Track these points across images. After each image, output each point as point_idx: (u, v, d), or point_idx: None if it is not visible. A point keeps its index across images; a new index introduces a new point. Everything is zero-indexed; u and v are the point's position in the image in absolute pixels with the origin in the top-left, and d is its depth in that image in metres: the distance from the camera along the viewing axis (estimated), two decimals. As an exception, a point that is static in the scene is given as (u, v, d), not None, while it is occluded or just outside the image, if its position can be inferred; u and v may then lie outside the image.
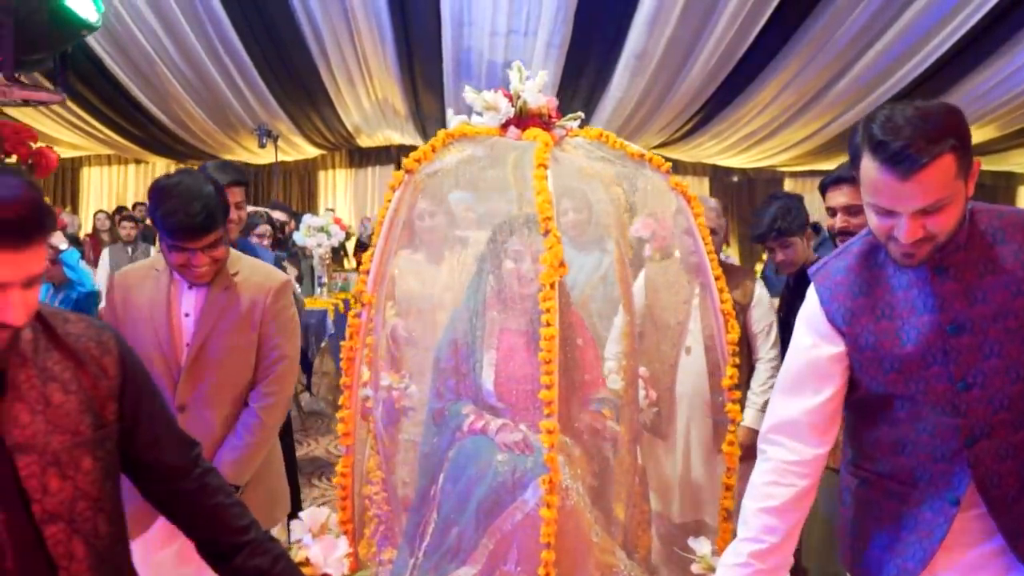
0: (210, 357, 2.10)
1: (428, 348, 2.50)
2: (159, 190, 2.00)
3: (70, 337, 1.30)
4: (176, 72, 7.10)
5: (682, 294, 2.75)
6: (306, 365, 5.47)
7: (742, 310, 2.87)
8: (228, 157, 9.77)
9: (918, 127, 1.36)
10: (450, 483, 2.24)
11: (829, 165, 9.60)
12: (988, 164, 10.00)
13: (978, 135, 8.44)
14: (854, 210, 2.60)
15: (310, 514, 1.90)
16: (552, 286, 1.92)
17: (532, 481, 2.11)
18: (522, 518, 2.13)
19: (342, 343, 2.15)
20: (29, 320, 1.16)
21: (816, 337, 1.62)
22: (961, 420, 1.52)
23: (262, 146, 7.43)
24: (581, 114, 2.30)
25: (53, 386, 1.25)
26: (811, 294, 1.65)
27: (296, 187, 10.81)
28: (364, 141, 9.99)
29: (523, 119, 2.21)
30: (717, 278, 2.13)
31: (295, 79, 7.70)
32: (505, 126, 2.23)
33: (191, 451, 1.45)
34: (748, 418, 2.75)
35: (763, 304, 2.93)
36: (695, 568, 1.98)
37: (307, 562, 1.78)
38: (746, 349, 2.89)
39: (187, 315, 2.11)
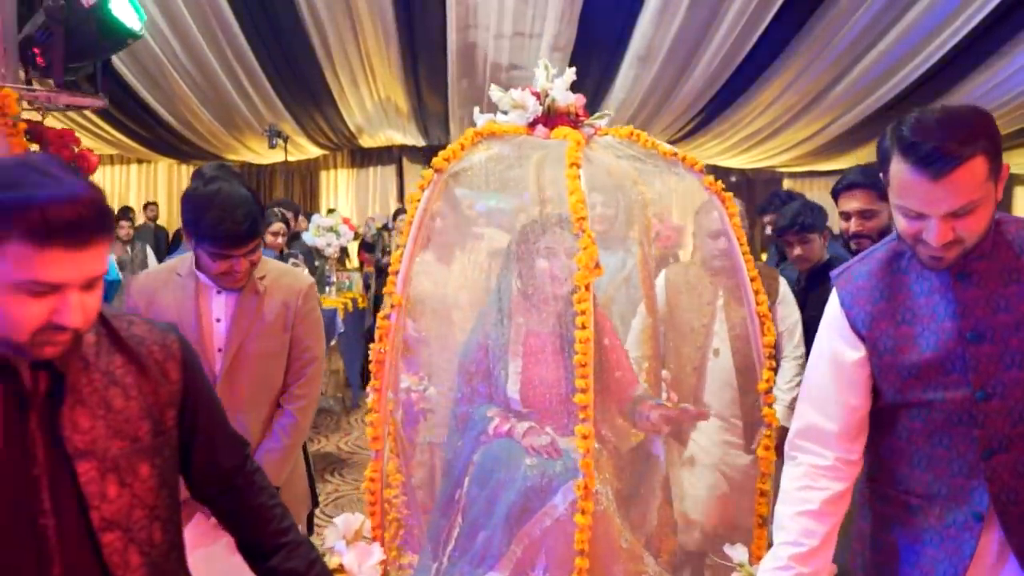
0: (245, 362, 2.11)
1: (445, 348, 2.46)
2: (199, 199, 1.98)
3: (133, 340, 1.28)
4: (184, 73, 7.13)
5: (705, 296, 2.74)
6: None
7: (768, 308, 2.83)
8: (232, 157, 9.81)
9: (949, 129, 1.36)
10: (476, 487, 2.20)
11: (828, 166, 9.70)
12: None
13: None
14: (868, 214, 2.63)
15: (344, 520, 1.86)
16: (587, 287, 1.90)
17: (561, 486, 2.08)
18: (551, 524, 2.09)
19: (371, 345, 2.09)
20: (91, 323, 1.15)
21: (839, 342, 1.60)
22: (978, 431, 1.47)
23: (272, 146, 7.46)
24: (610, 112, 2.30)
25: (115, 391, 1.24)
26: (833, 298, 1.63)
27: (298, 187, 10.83)
28: (366, 141, 10.03)
29: (551, 117, 2.18)
30: (752, 279, 2.11)
31: (300, 80, 7.73)
32: (532, 124, 2.20)
33: (243, 451, 1.45)
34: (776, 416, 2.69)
35: (788, 302, 2.87)
36: (741, 573, 1.94)
37: (341, 569, 1.76)
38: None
39: (218, 320, 2.11)
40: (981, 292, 1.47)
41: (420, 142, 10.02)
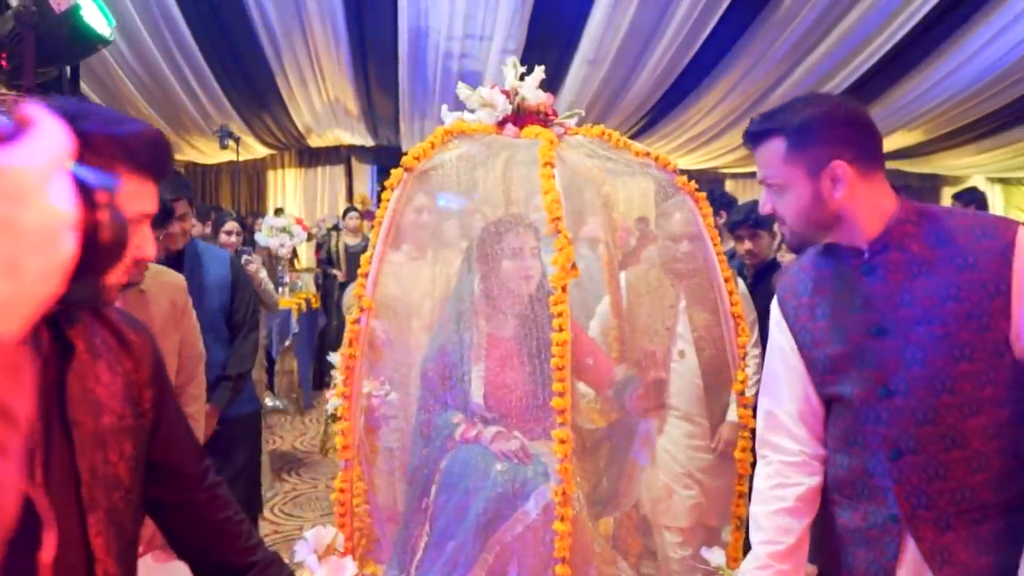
0: None
1: (407, 353, 2.40)
2: None
3: (112, 317, 1.25)
4: (129, 72, 7.00)
5: (667, 299, 2.74)
6: (269, 364, 5.50)
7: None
8: (179, 157, 9.64)
9: (772, 111, 1.48)
10: (444, 495, 2.16)
11: (769, 168, 10.00)
12: (915, 167, 10.50)
13: (906, 139, 8.87)
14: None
15: (315, 534, 1.77)
16: (564, 289, 1.85)
17: (533, 491, 2.05)
18: (523, 530, 2.06)
19: (341, 352, 2.04)
20: None
21: (779, 334, 1.62)
22: (884, 430, 1.46)
23: (223, 147, 7.39)
24: (581, 112, 2.31)
25: (102, 364, 1.20)
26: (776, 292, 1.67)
27: (245, 187, 10.69)
28: (314, 141, 9.96)
29: (521, 116, 2.16)
30: (727, 280, 2.10)
31: (248, 80, 7.66)
32: (502, 123, 2.17)
33: (203, 460, 1.39)
34: (732, 414, 2.59)
35: (744, 299, 2.75)
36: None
37: None
38: None
39: None
40: (886, 286, 1.47)
41: (369, 142, 9.99)
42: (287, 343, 5.56)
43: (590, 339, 2.36)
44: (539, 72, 2.28)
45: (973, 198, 5.87)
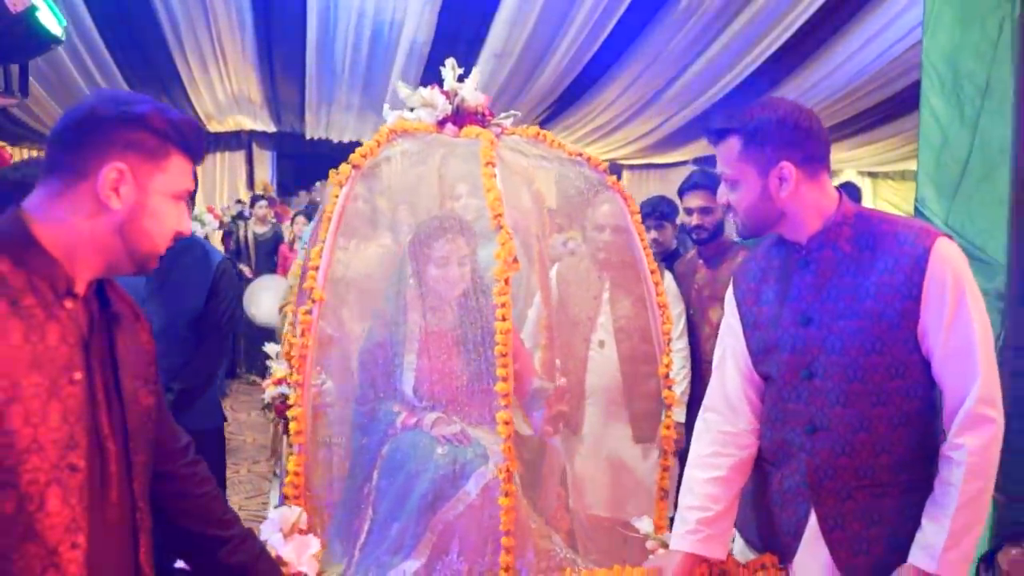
0: None
1: (342, 343, 2.46)
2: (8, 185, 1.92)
3: (123, 292, 1.34)
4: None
5: (592, 289, 2.85)
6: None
7: None
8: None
9: (731, 112, 1.64)
10: (386, 480, 2.24)
11: (664, 159, 10.45)
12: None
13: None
14: (706, 211, 3.06)
15: (280, 514, 1.85)
16: (507, 281, 1.96)
17: (473, 472, 2.16)
18: (464, 509, 2.16)
19: (292, 340, 2.11)
20: None
21: (730, 315, 1.79)
22: (802, 407, 1.62)
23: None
24: (517, 112, 2.47)
25: (128, 330, 1.30)
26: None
27: (138, 172, 10.34)
28: (214, 126, 9.75)
29: (460, 116, 2.29)
30: (652, 272, 2.24)
31: (148, 62, 7.46)
32: (442, 123, 2.29)
33: (184, 437, 1.47)
34: (679, 415, 2.67)
35: (668, 293, 2.80)
36: (649, 544, 2.00)
37: (280, 561, 1.74)
38: None
39: None
40: (816, 280, 1.62)
41: (271, 128, 9.87)
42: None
43: (520, 342, 2.45)
44: (475, 73, 2.43)
45: (849, 191, 6.43)
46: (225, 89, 8.32)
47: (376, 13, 6.62)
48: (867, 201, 11.84)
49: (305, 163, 10.25)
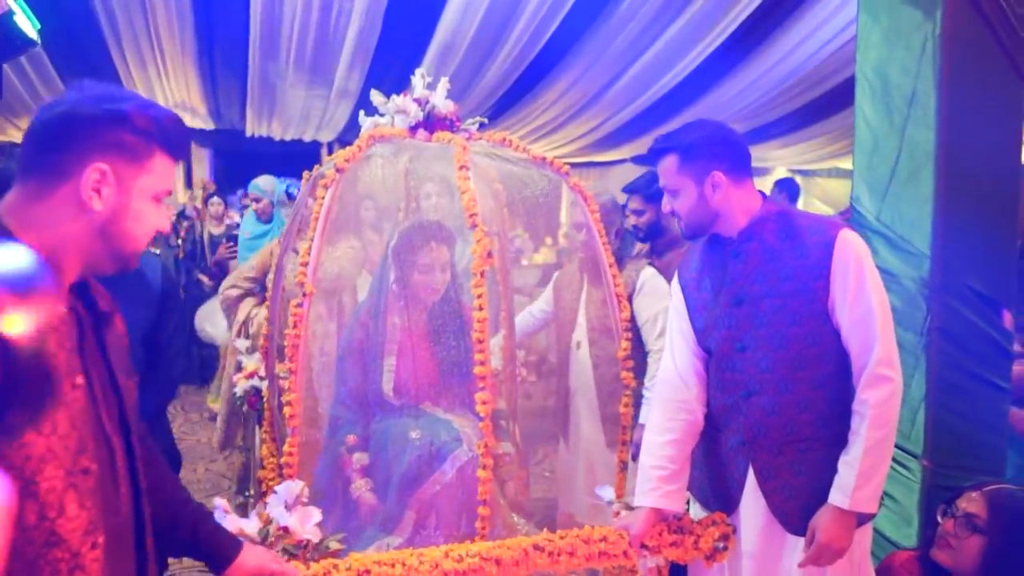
0: None
1: (316, 338, 2.63)
2: None
3: (101, 288, 1.33)
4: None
5: (576, 291, 3.02)
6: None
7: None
8: (2, 139, 8.98)
9: (668, 134, 1.94)
10: (371, 468, 2.41)
11: (603, 158, 10.67)
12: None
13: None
14: (639, 212, 3.26)
15: (285, 488, 1.97)
16: (482, 275, 2.14)
17: (449, 454, 2.33)
18: (441, 488, 2.33)
19: (286, 331, 2.21)
20: None
21: (677, 300, 2.06)
22: (738, 376, 1.90)
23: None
24: (483, 119, 2.64)
25: (112, 323, 1.30)
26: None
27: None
28: (151, 124, 9.57)
29: (431, 122, 2.45)
30: (611, 265, 2.45)
31: (83, 58, 7.32)
32: (414, 129, 2.44)
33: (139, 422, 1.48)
34: (644, 415, 2.71)
35: (649, 293, 2.93)
36: (615, 507, 2.17)
37: (286, 531, 1.88)
38: (637, 341, 2.89)
39: None
40: (745, 267, 1.90)
41: (210, 125, 9.74)
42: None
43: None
44: (444, 82, 2.58)
45: (788, 186, 6.81)
46: (163, 87, 8.21)
47: (321, 12, 6.64)
48: (800, 197, 12.32)
49: (244, 161, 10.14)
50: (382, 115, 2.59)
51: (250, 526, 1.83)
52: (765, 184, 12.00)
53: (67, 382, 1.13)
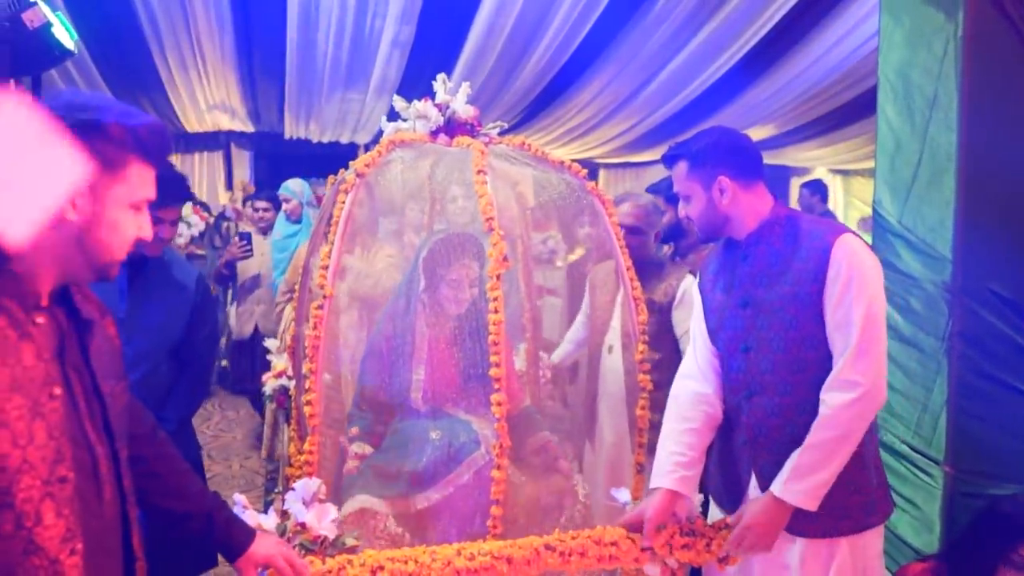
0: None
1: (338, 338, 2.64)
2: None
3: (88, 291, 1.35)
4: None
5: (610, 293, 2.97)
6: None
7: (661, 309, 2.90)
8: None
9: (681, 142, 2.00)
10: (387, 462, 2.43)
11: (639, 158, 10.65)
12: (768, 159, 11.22)
13: (760, 133, 9.65)
14: (661, 213, 3.23)
15: (303, 485, 1.99)
16: (498, 278, 2.16)
17: (466, 457, 2.37)
18: (454, 490, 2.36)
19: (307, 332, 2.25)
20: None
21: (696, 301, 2.12)
22: (742, 376, 1.94)
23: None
24: (504, 124, 2.68)
25: (99, 332, 1.31)
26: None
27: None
28: (193, 126, 9.80)
29: (452, 127, 2.46)
30: (628, 268, 2.43)
31: (128, 66, 7.51)
32: (435, 133, 2.47)
33: (148, 419, 1.51)
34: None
35: (688, 304, 2.85)
36: (628, 508, 2.13)
37: (304, 527, 1.89)
38: (675, 348, 2.86)
39: None
40: (752, 270, 1.94)
41: (250, 128, 9.93)
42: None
43: (510, 362, 2.61)
44: (465, 87, 2.60)
45: (817, 187, 6.72)
46: (204, 90, 8.38)
47: (356, 16, 6.73)
48: (838, 198, 12.16)
49: (284, 163, 10.30)
50: (405, 120, 2.63)
51: (268, 522, 1.87)
52: (793, 186, 11.88)
53: (44, 393, 1.14)
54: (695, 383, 2.06)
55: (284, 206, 5.50)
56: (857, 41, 6.86)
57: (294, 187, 5.45)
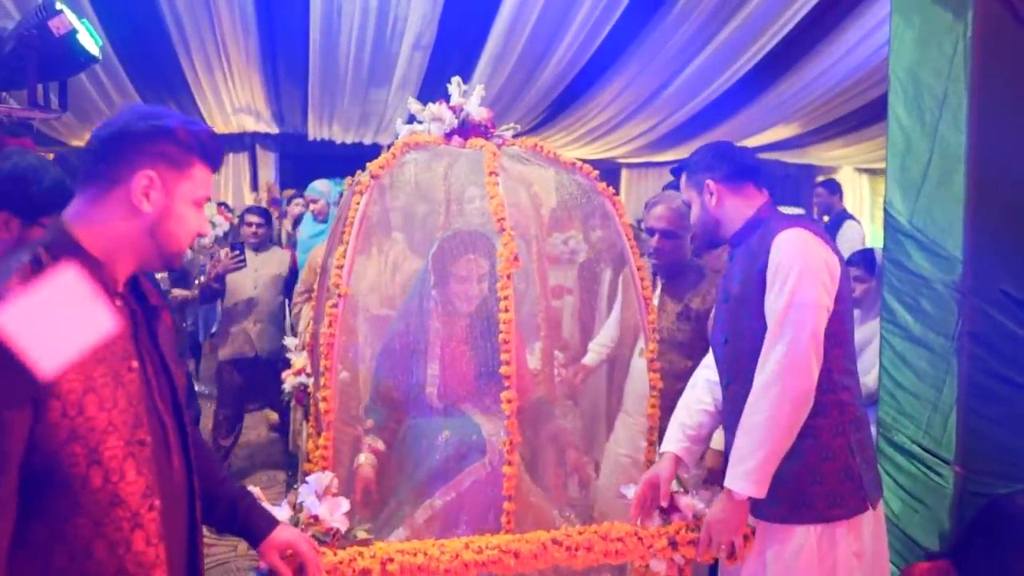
0: None
1: (354, 337, 2.69)
2: (23, 171, 1.87)
3: (148, 283, 1.49)
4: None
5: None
6: (196, 350, 5.64)
7: (698, 317, 2.88)
8: (77, 144, 9.45)
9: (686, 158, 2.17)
10: (401, 459, 2.52)
11: (662, 158, 10.63)
12: (793, 158, 11.33)
13: (784, 132, 9.64)
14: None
15: (316, 478, 2.06)
16: (509, 277, 2.20)
17: (469, 465, 2.41)
18: (469, 487, 2.41)
19: (322, 330, 2.29)
20: None
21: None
22: (721, 366, 2.11)
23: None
24: (517, 126, 2.70)
25: (162, 320, 1.47)
26: None
27: (144, 174, 10.48)
28: (219, 128, 9.94)
29: (465, 129, 2.49)
30: (639, 268, 2.45)
31: (155, 67, 7.65)
32: (449, 135, 2.49)
33: (193, 403, 1.74)
34: (716, 441, 2.55)
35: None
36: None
37: (316, 520, 1.96)
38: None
39: None
40: (732, 268, 2.09)
41: (274, 129, 10.05)
42: (212, 330, 5.72)
43: (522, 355, 2.66)
44: (480, 90, 2.64)
45: (833, 186, 6.72)
46: (230, 92, 8.50)
47: (378, 18, 6.81)
48: (865, 196, 12.06)
49: (308, 164, 10.42)
50: (420, 122, 2.67)
51: (281, 513, 1.93)
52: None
53: (124, 366, 1.31)
54: (711, 372, 2.22)
55: (311, 206, 5.60)
56: (881, 39, 6.79)
57: (321, 187, 5.52)
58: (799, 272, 1.89)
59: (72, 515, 1.24)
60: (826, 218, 7.15)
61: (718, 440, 2.55)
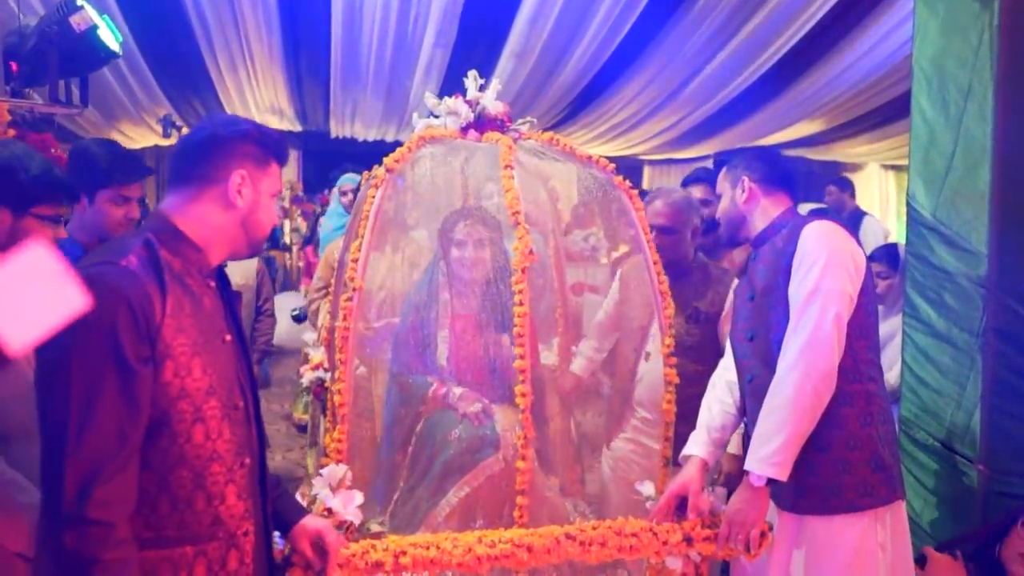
0: None
1: (371, 330, 2.69)
2: (7, 160, 1.84)
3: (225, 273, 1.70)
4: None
5: (648, 296, 2.74)
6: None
7: (708, 319, 2.81)
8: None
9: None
10: (415, 454, 2.53)
11: (684, 155, 10.56)
12: (818, 154, 11.23)
13: (809, 128, 9.54)
14: (705, 203, 3.26)
15: (329, 471, 2.04)
16: (523, 271, 2.19)
17: (483, 460, 2.42)
18: (484, 481, 2.41)
19: (336, 324, 2.30)
20: None
21: (729, 301, 2.39)
22: (746, 361, 2.13)
23: (166, 136, 7.48)
24: (533, 119, 2.66)
25: (237, 306, 1.69)
26: None
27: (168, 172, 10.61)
28: (242, 126, 10.01)
29: (481, 123, 2.49)
30: (655, 262, 2.42)
31: (180, 67, 7.71)
32: (465, 129, 2.49)
33: None
34: (732, 446, 2.55)
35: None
36: (648, 505, 2.20)
37: (330, 512, 1.93)
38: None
39: None
40: (756, 266, 2.13)
41: (297, 127, 10.11)
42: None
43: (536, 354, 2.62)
44: (495, 84, 2.63)
45: (845, 184, 6.68)
46: (253, 91, 8.56)
47: (399, 16, 6.82)
48: (891, 194, 11.91)
49: (331, 161, 10.47)
50: (436, 116, 2.66)
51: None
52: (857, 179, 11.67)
53: (219, 338, 1.51)
54: (729, 373, 2.22)
55: (342, 199, 5.71)
56: (904, 36, 6.69)
57: (358, 178, 5.57)
58: (826, 260, 1.93)
59: (177, 467, 1.41)
60: (840, 217, 7.08)
61: (735, 444, 2.55)
